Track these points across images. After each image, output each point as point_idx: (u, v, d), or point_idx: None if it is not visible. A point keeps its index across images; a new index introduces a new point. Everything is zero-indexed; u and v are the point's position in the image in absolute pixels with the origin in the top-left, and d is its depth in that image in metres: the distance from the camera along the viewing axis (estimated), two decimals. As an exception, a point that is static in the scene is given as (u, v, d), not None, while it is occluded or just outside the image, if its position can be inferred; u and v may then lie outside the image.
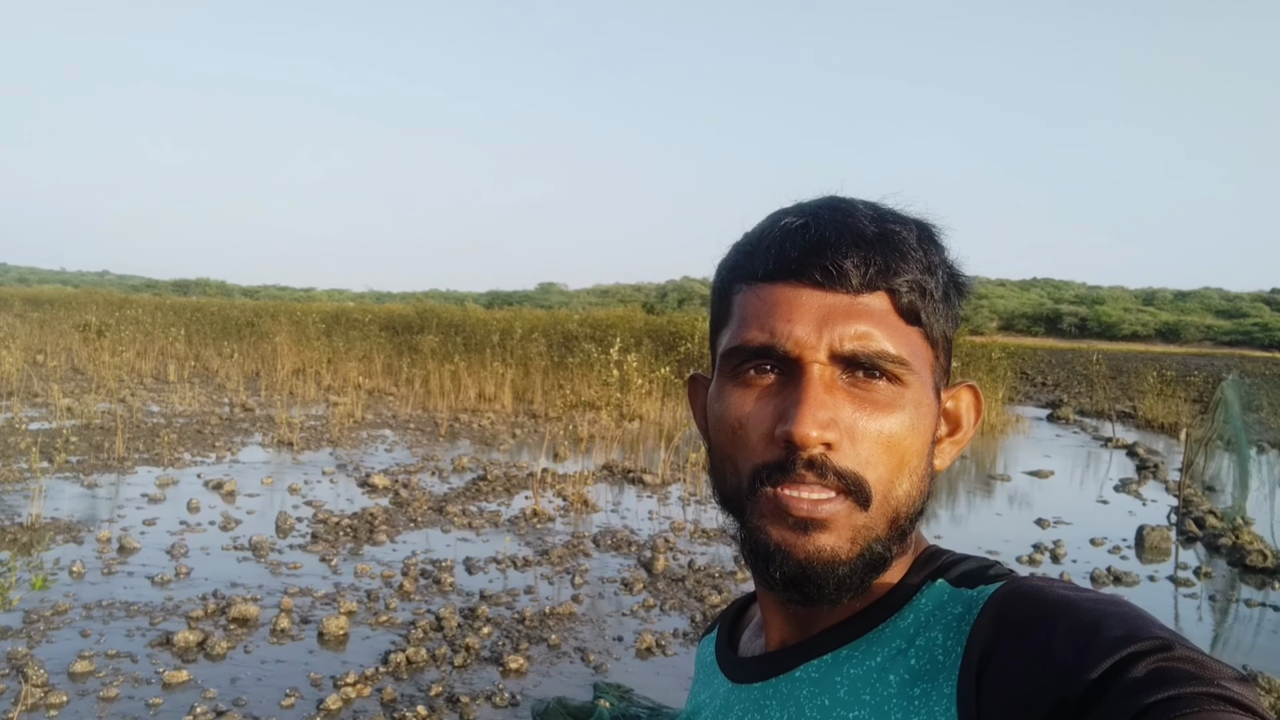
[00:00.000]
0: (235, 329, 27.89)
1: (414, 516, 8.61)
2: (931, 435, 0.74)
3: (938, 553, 0.77)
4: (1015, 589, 0.66)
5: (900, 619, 0.71)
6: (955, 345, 0.81)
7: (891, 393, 0.71)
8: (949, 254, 0.77)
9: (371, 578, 6.78)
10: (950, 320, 0.76)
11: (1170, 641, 0.57)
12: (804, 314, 0.70)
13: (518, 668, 5.24)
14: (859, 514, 0.69)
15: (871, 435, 0.69)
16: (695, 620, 6.19)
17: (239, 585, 6.42)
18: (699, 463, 11.35)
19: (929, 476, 0.74)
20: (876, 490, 0.69)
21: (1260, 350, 73.34)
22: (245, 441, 12.57)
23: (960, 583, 0.71)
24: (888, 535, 0.71)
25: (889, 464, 0.70)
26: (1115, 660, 0.56)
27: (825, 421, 0.68)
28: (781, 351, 0.71)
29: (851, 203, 0.75)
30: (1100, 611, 0.60)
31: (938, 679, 0.65)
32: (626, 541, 8.10)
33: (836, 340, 0.69)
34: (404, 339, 24.34)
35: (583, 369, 18.09)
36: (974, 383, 0.81)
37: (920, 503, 0.73)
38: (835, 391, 0.70)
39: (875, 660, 0.70)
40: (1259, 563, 8.08)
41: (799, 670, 0.75)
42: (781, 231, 0.73)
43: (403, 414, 16.40)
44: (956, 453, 0.79)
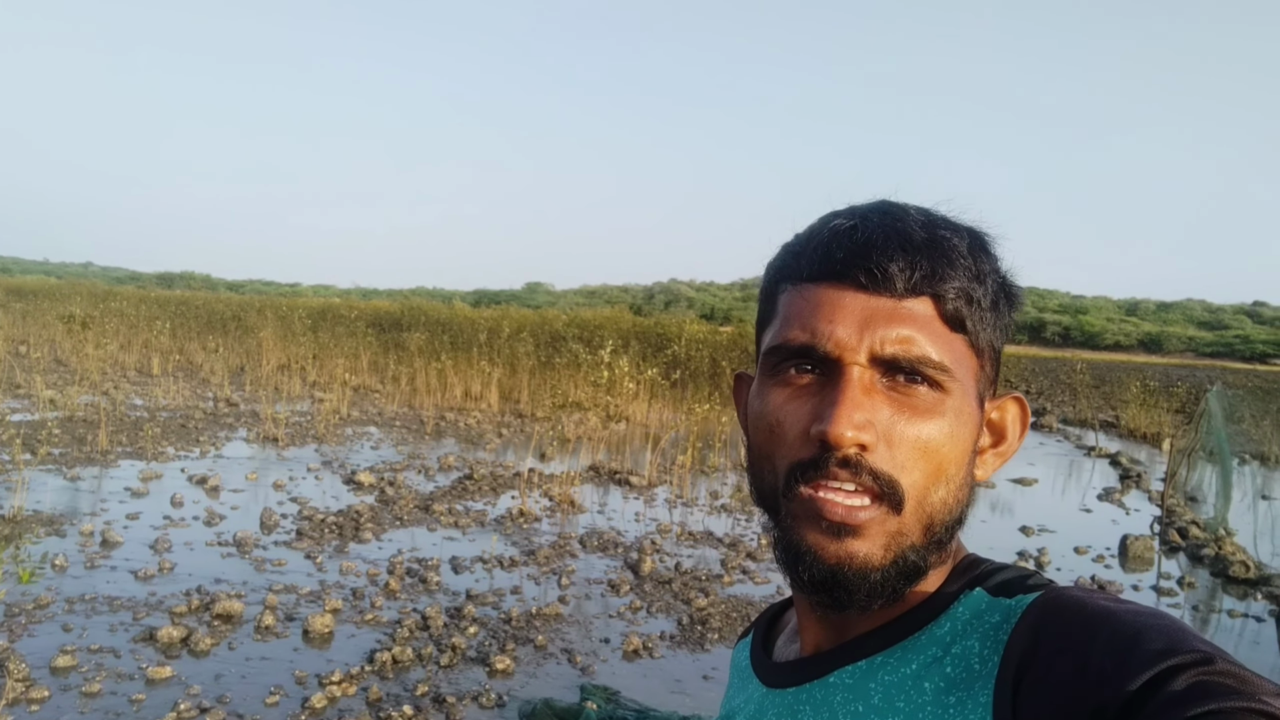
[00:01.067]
0: (220, 323, 27.75)
1: (400, 515, 8.58)
2: (972, 444, 0.74)
3: (977, 561, 0.77)
4: (1054, 599, 0.66)
5: (937, 627, 0.71)
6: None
7: (932, 399, 0.70)
8: (1001, 264, 0.76)
9: (357, 576, 6.75)
10: (999, 330, 0.75)
11: (1211, 655, 0.57)
12: (846, 315, 0.70)
13: (504, 668, 5.22)
14: (892, 519, 0.69)
15: (909, 440, 0.69)
16: (682, 623, 6.19)
17: (223, 581, 6.37)
18: (686, 465, 11.36)
19: (968, 486, 0.74)
20: (910, 495, 0.69)
21: (1242, 362, 73.94)
22: (229, 437, 12.49)
23: (998, 592, 0.71)
24: (923, 543, 0.71)
25: (925, 470, 0.70)
26: (1155, 673, 0.56)
27: (861, 423, 0.68)
28: (822, 352, 0.71)
29: (903, 207, 0.74)
30: (1141, 624, 0.60)
31: (974, 687, 0.65)
32: (613, 543, 8.09)
33: (878, 343, 0.69)
34: (390, 336, 24.25)
35: (570, 369, 18.06)
36: (1020, 394, 0.80)
37: (958, 512, 0.73)
38: (874, 394, 0.70)
39: (910, 667, 0.70)
40: (1241, 574, 8.13)
41: (833, 676, 0.74)
42: (830, 233, 0.73)
43: (389, 411, 16.34)
44: (1000, 464, 0.78)
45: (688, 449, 11.77)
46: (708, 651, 5.77)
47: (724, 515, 9.64)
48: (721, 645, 5.90)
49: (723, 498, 10.50)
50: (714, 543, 8.40)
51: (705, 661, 5.62)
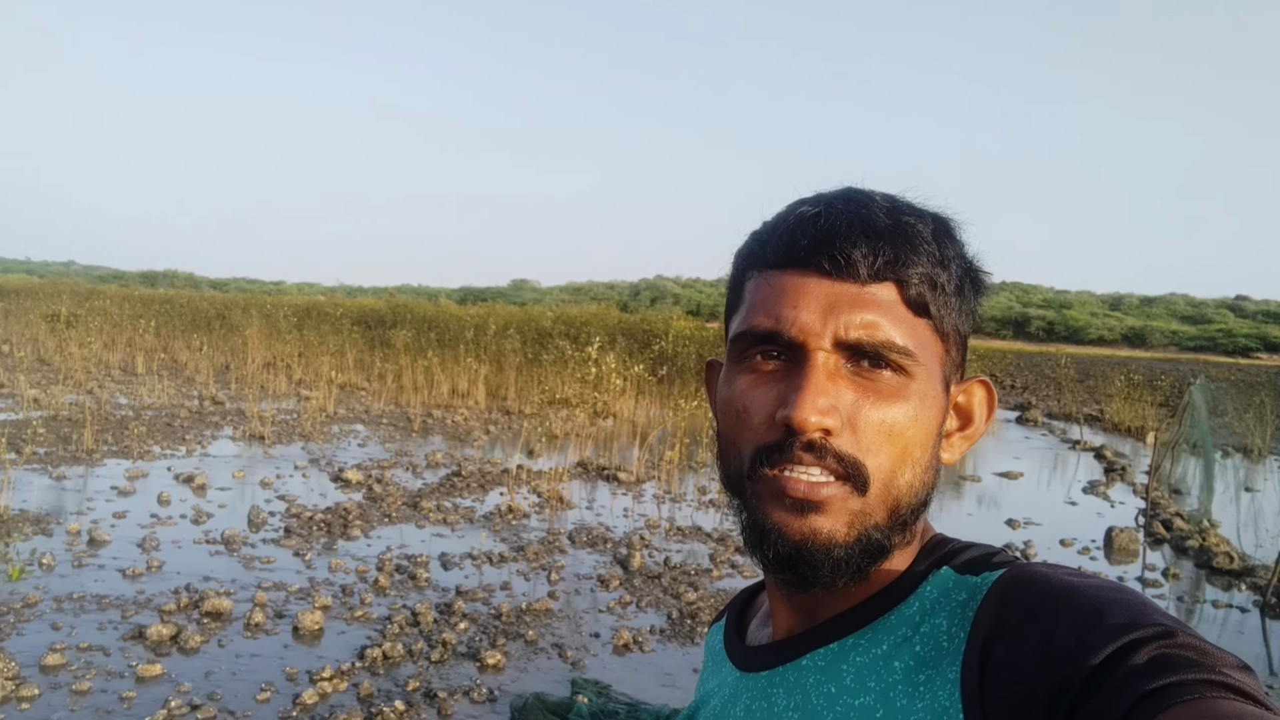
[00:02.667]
0: (205, 321, 27.63)
1: (388, 512, 8.57)
2: (937, 428, 0.74)
3: (943, 541, 0.78)
4: (1019, 575, 0.67)
5: (906, 607, 0.72)
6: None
7: (896, 383, 0.71)
8: (966, 249, 0.77)
9: (346, 572, 6.74)
10: (965, 315, 0.76)
11: (1172, 629, 0.58)
12: (810, 301, 0.71)
13: (495, 663, 5.23)
14: (856, 499, 0.70)
15: (873, 423, 0.70)
16: (672, 617, 6.21)
17: (212, 579, 6.36)
18: (673, 461, 11.38)
19: (933, 469, 0.75)
20: (875, 477, 0.70)
21: (1224, 356, 74.52)
22: (215, 435, 12.45)
23: (965, 570, 0.72)
24: (887, 523, 0.71)
25: (890, 453, 0.71)
26: (1117, 646, 0.57)
27: (825, 408, 0.69)
28: (787, 338, 0.72)
29: (868, 194, 0.75)
30: (1103, 598, 0.61)
31: (942, 664, 0.66)
32: (602, 538, 8.10)
33: (842, 328, 0.70)
34: (377, 334, 24.19)
35: (557, 366, 18.06)
36: (986, 378, 0.80)
37: (923, 494, 0.74)
38: (838, 379, 0.71)
39: (881, 648, 0.71)
40: (1225, 565, 8.21)
41: (805, 658, 0.75)
42: (795, 220, 0.74)
43: (375, 409, 16.30)
44: (967, 447, 0.79)
45: (675, 445, 11.80)
46: (697, 645, 5.80)
47: (712, 510, 9.66)
48: (711, 639, 5.92)
49: (710, 493, 10.52)
50: (702, 537, 8.43)
51: (695, 655, 5.64)
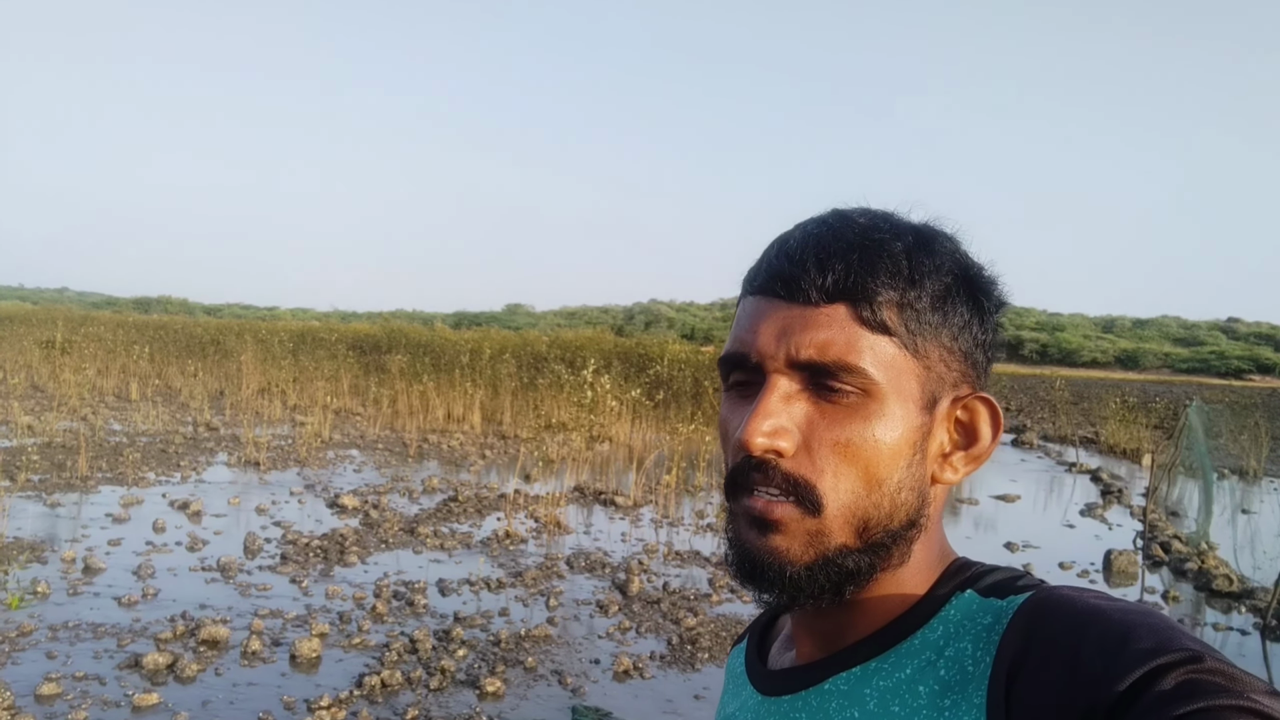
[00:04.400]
0: (199, 347, 27.58)
1: (385, 537, 8.53)
2: (909, 447, 0.72)
3: (966, 564, 0.77)
4: (1045, 598, 0.66)
5: (929, 630, 0.71)
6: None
7: (854, 402, 0.71)
8: (954, 261, 0.75)
9: (343, 599, 6.70)
10: (955, 329, 0.74)
11: (1200, 653, 0.57)
12: (767, 325, 0.73)
13: (494, 690, 5.19)
14: (810, 519, 0.70)
15: (827, 443, 0.70)
16: (672, 643, 6.17)
17: (208, 607, 6.32)
18: (670, 485, 11.35)
19: (914, 490, 0.73)
20: (830, 498, 0.70)
21: (1217, 378, 74.62)
22: (210, 461, 12.40)
23: (989, 593, 0.71)
24: (856, 545, 0.71)
25: (849, 473, 0.70)
26: (1144, 671, 0.56)
27: (771, 429, 0.70)
28: (751, 362, 0.73)
29: (846, 214, 0.76)
30: (1130, 622, 0.60)
31: (967, 689, 0.66)
32: (600, 563, 8.06)
33: (793, 349, 0.71)
34: (371, 359, 24.18)
35: (552, 390, 18.04)
36: (987, 394, 0.77)
37: (902, 515, 0.72)
38: (795, 400, 0.71)
39: (905, 672, 0.70)
40: (1225, 587, 8.19)
41: (828, 683, 0.75)
42: (774, 246, 0.76)
43: (371, 434, 16.26)
44: (974, 466, 0.77)
45: (672, 469, 11.77)
46: (698, 671, 5.76)
47: (710, 534, 9.63)
48: (712, 665, 5.88)
49: (708, 517, 10.49)
50: (701, 562, 8.40)
51: (696, 681, 5.61)
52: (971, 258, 0.77)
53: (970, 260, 0.77)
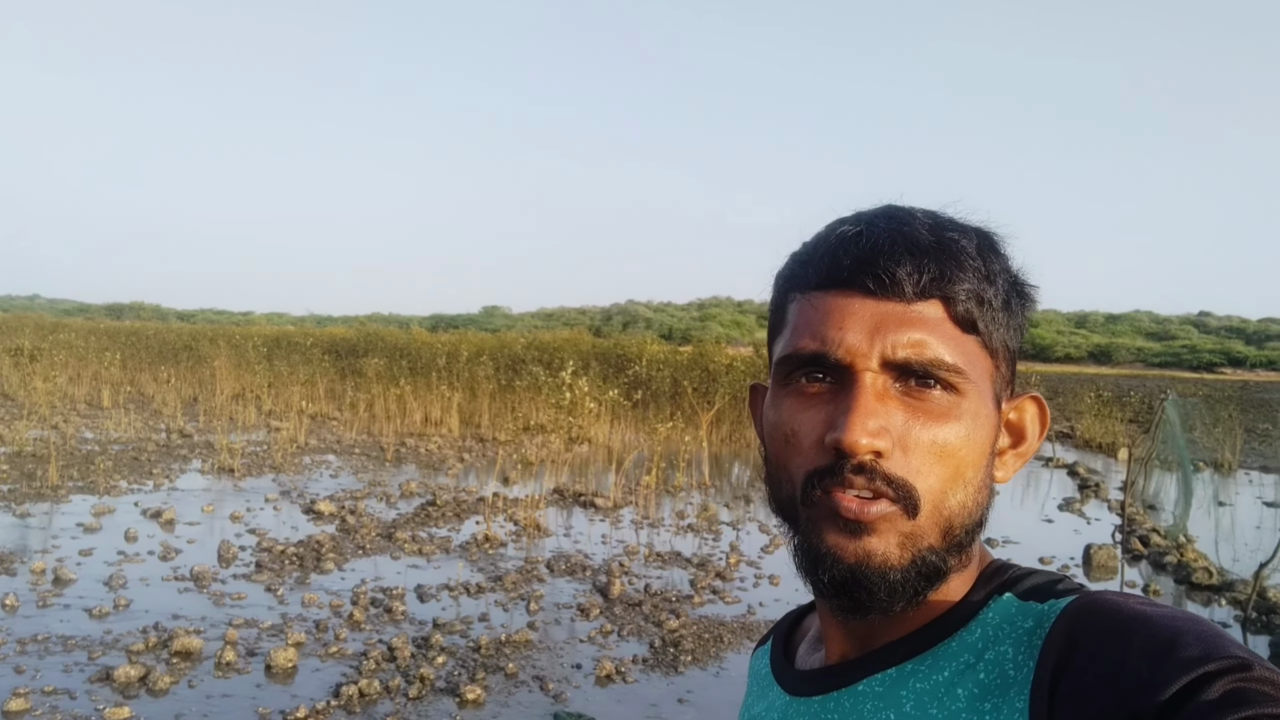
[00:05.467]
0: (172, 353, 27.29)
1: (362, 543, 8.42)
2: (990, 446, 0.73)
3: (1004, 567, 0.76)
4: (1090, 603, 0.65)
5: (967, 633, 0.70)
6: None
7: (947, 402, 0.70)
8: (1011, 262, 0.76)
9: (320, 607, 6.60)
10: (1012, 330, 0.75)
11: (1248, 661, 0.56)
12: (856, 322, 0.70)
13: (475, 698, 5.11)
14: (906, 521, 0.68)
15: (924, 444, 0.69)
16: (654, 646, 6.11)
17: (181, 617, 6.20)
18: (650, 486, 11.30)
19: (987, 488, 0.73)
20: (926, 499, 0.69)
21: (1189, 371, 75.44)
22: (184, 468, 12.24)
23: (1029, 596, 0.70)
24: (942, 545, 0.70)
25: (941, 474, 0.69)
26: (1191, 679, 0.55)
27: (875, 430, 0.67)
28: (833, 360, 0.70)
29: (909, 211, 0.74)
30: (1176, 629, 0.59)
31: (1009, 693, 0.65)
32: (581, 566, 7.99)
33: (889, 348, 0.69)
34: (347, 362, 23.99)
35: (530, 392, 17.95)
36: (1038, 393, 0.79)
37: (977, 515, 0.72)
38: (887, 400, 0.69)
39: (942, 674, 0.69)
40: (1205, 580, 8.22)
41: (862, 684, 0.73)
42: (836, 240, 0.73)
43: (347, 439, 16.12)
44: (1021, 464, 0.77)
45: (652, 469, 11.71)
46: (681, 674, 5.70)
47: (691, 535, 9.58)
48: (695, 667, 5.83)
49: (689, 518, 10.44)
50: (682, 563, 8.34)
51: (680, 684, 5.55)
52: (1014, 260, 0.78)
53: (1015, 262, 0.77)
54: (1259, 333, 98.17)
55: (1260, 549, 9.42)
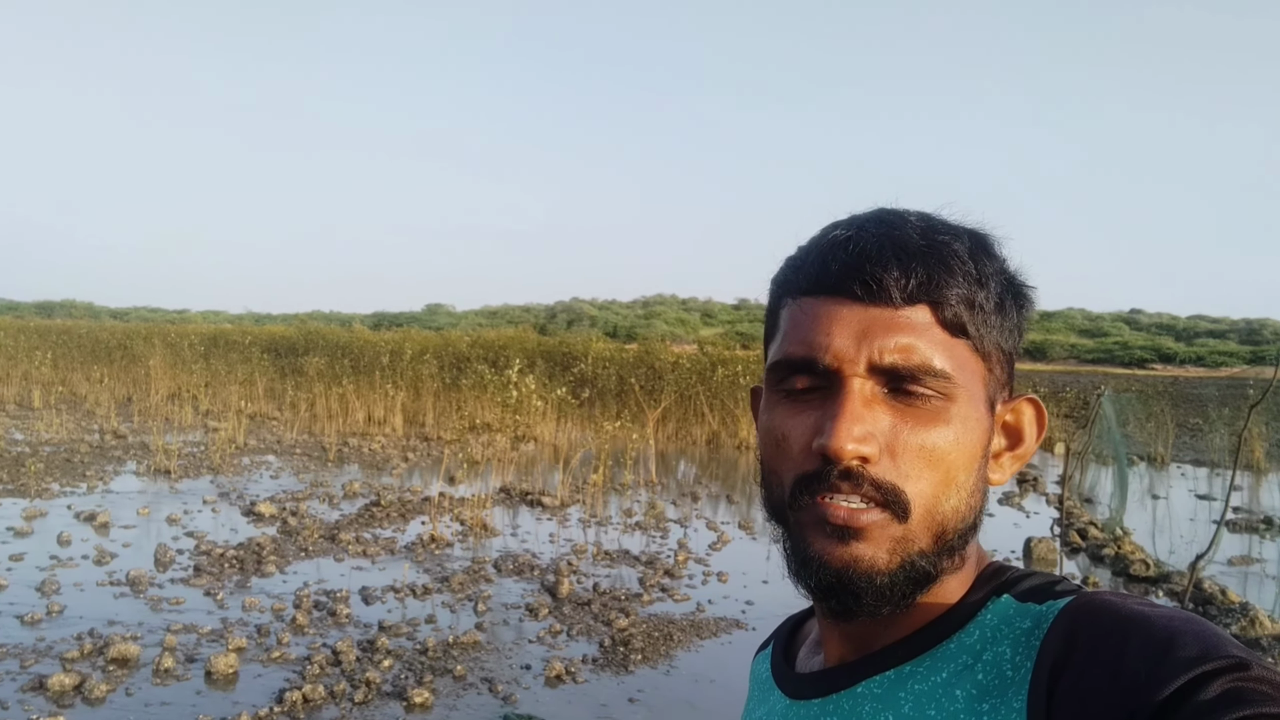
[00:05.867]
0: (105, 352, 26.59)
1: (304, 545, 8.27)
2: (982, 450, 0.73)
3: (1001, 568, 0.76)
4: (1087, 603, 0.65)
5: (965, 635, 0.71)
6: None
7: (936, 406, 0.70)
8: (1005, 264, 0.76)
9: (261, 611, 6.46)
10: (1006, 332, 0.75)
11: (1246, 661, 0.56)
12: (843, 327, 0.70)
13: (422, 701, 5.04)
14: (896, 525, 0.69)
15: (913, 449, 0.69)
16: (604, 645, 6.08)
17: (117, 623, 6.03)
18: (597, 484, 11.26)
19: (980, 492, 0.73)
20: (916, 503, 0.69)
21: (1121, 367, 77.29)
22: (118, 470, 11.94)
23: (1026, 598, 0.70)
24: (933, 549, 0.70)
25: (931, 478, 0.69)
26: (1189, 678, 0.55)
27: (861, 435, 0.68)
28: (822, 365, 0.71)
29: (902, 214, 0.74)
30: (1174, 628, 0.59)
31: (1007, 694, 0.65)
32: (529, 566, 7.94)
33: (876, 353, 0.69)
34: (288, 361, 23.61)
35: (476, 391, 17.81)
36: (1035, 396, 0.78)
37: (970, 518, 0.72)
38: (875, 405, 0.70)
39: (941, 676, 0.69)
40: (1142, 572, 8.40)
41: (861, 686, 0.74)
42: (827, 245, 0.73)
43: (288, 439, 15.85)
44: (1019, 466, 0.78)
45: (599, 467, 11.68)
46: (632, 673, 5.68)
47: (638, 533, 9.57)
48: (645, 666, 5.81)
49: (636, 515, 10.43)
50: (631, 561, 8.32)
51: (630, 684, 5.52)
52: (1011, 262, 0.78)
53: (1012, 265, 0.78)
54: (1188, 329, 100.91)
55: (1195, 540, 9.68)
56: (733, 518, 10.73)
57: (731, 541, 9.37)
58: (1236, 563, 9.19)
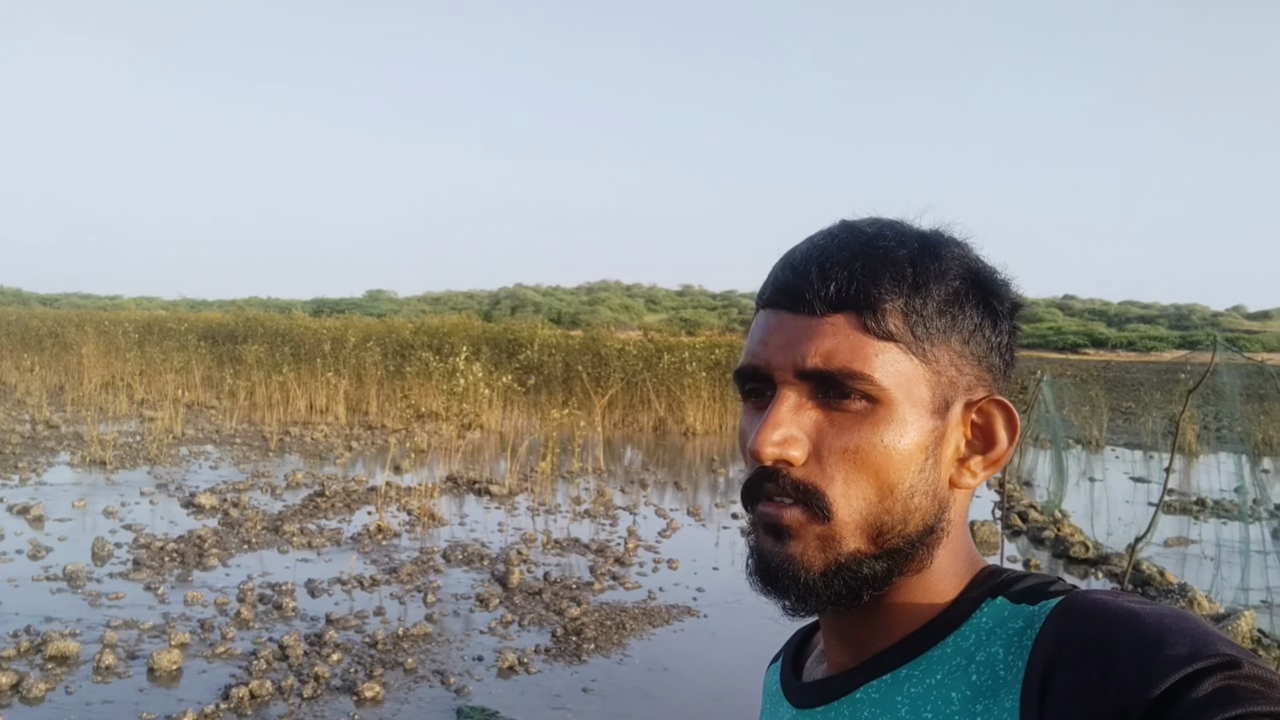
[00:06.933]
0: (35, 340, 25.84)
1: (247, 537, 8.12)
2: (923, 452, 0.73)
3: (996, 571, 0.76)
4: (1077, 602, 0.66)
5: (960, 637, 0.71)
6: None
7: (862, 409, 0.71)
8: (964, 265, 0.76)
9: (204, 606, 6.33)
10: (966, 334, 0.75)
11: (1238, 659, 0.56)
12: (774, 336, 0.74)
13: (373, 695, 4.97)
14: (819, 525, 0.71)
15: (836, 450, 0.71)
16: (556, 635, 6.06)
17: (54, 620, 5.87)
18: (545, 472, 11.21)
19: (930, 495, 0.73)
20: (840, 504, 0.71)
21: (1056, 353, 78.81)
22: (51, 461, 11.62)
23: (1020, 599, 0.71)
24: (870, 551, 0.72)
25: (860, 479, 0.71)
26: (1180, 677, 0.55)
27: (781, 439, 0.71)
28: (762, 374, 0.75)
29: (854, 224, 0.77)
30: (1165, 626, 0.59)
31: (999, 694, 0.65)
32: (478, 555, 7.87)
33: (800, 359, 0.72)
34: (226, 349, 23.14)
35: (420, 378, 17.62)
36: (1001, 397, 0.77)
37: (919, 520, 0.73)
38: (804, 410, 0.73)
39: (935, 678, 0.70)
40: (1081, 554, 8.59)
41: (859, 692, 0.75)
42: (778, 261, 0.78)
43: (227, 428, 15.55)
44: (993, 470, 0.76)
45: (546, 455, 11.62)
46: (585, 663, 5.66)
47: (588, 521, 9.55)
48: (599, 655, 5.79)
49: (585, 503, 10.40)
50: (581, 549, 8.30)
51: (584, 673, 5.51)
52: (981, 261, 0.78)
53: (980, 264, 0.78)
54: (1119, 315, 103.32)
55: (1133, 522, 9.92)
56: (681, 505, 10.75)
57: (681, 528, 9.39)
58: (1173, 544, 9.44)
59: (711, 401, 18.25)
